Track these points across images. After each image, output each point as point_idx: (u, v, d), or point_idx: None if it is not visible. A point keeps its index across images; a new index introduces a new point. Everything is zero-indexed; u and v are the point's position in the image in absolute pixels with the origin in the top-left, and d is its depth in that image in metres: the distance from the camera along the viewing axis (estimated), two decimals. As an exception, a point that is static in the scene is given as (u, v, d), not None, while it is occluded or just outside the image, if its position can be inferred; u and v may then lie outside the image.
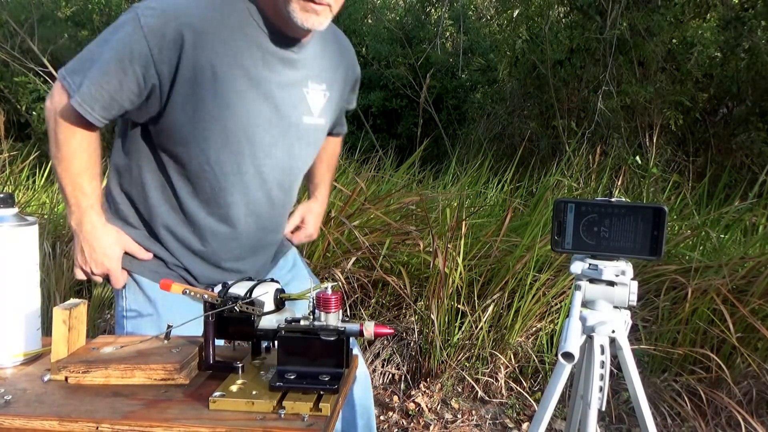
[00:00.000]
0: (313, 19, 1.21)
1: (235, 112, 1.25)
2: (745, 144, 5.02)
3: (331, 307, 0.91)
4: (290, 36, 1.29)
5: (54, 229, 3.43)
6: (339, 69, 1.46)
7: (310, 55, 1.36)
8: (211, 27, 1.20)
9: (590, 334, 1.13)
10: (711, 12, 5.36)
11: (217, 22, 1.21)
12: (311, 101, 1.38)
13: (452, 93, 7.48)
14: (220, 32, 1.21)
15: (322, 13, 1.22)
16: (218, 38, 1.21)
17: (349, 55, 1.52)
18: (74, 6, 9.20)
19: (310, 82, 1.37)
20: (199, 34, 1.18)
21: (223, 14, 1.22)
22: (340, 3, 1.28)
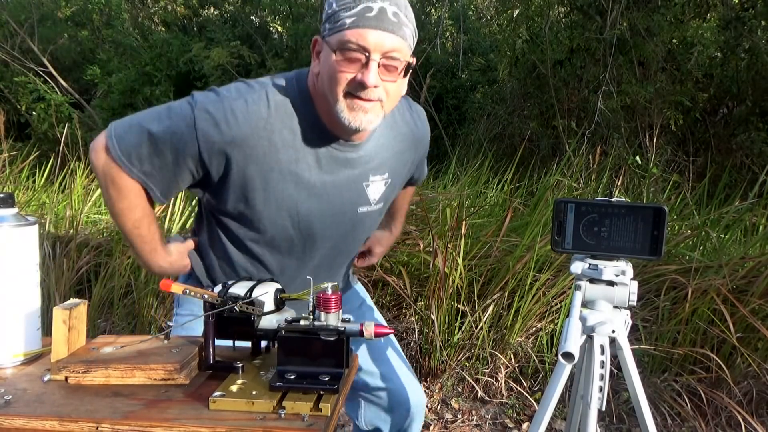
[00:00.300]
0: (361, 118, 1.15)
1: (285, 211, 1.25)
2: (745, 144, 5.02)
3: (331, 307, 0.91)
4: (346, 138, 1.25)
5: (54, 230, 3.43)
6: (405, 153, 1.41)
7: (372, 149, 1.31)
8: (263, 139, 1.18)
9: (590, 334, 1.13)
10: (711, 12, 5.36)
11: (269, 133, 1.18)
12: (371, 193, 1.35)
13: (452, 93, 7.48)
14: (272, 143, 1.18)
15: (371, 110, 1.15)
16: (270, 149, 1.19)
17: (419, 134, 1.44)
18: (74, 6, 9.21)
19: (371, 176, 1.33)
20: (251, 148, 1.17)
21: (276, 123, 1.19)
22: (396, 98, 1.21)
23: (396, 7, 1.12)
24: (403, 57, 1.14)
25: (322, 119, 1.22)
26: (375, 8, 1.10)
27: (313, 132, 1.22)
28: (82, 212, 3.57)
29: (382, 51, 1.11)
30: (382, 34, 1.10)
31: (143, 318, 3.04)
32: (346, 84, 1.13)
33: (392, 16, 1.11)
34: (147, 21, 9.65)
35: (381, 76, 1.13)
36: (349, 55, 1.11)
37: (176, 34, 8.54)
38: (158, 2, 9.44)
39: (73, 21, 9.32)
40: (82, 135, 6.28)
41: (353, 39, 1.10)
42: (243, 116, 1.16)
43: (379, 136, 1.32)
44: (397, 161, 1.39)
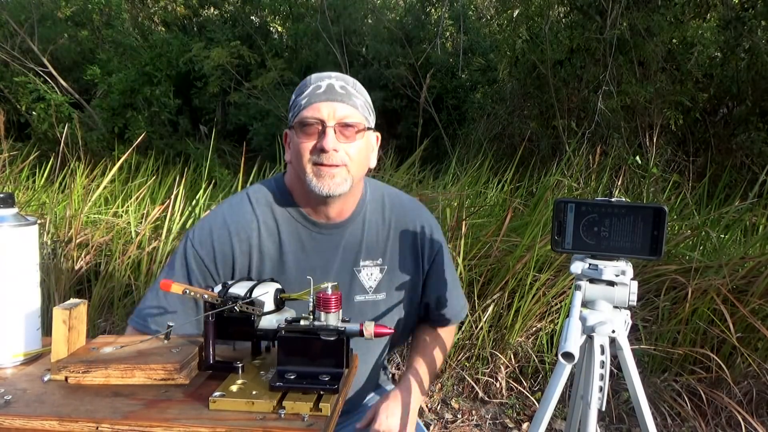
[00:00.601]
0: (328, 183, 1.23)
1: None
2: (745, 144, 5.02)
3: (331, 307, 0.91)
4: (327, 223, 1.34)
5: (54, 230, 3.43)
6: (403, 242, 1.41)
7: (357, 232, 1.37)
8: (253, 231, 1.31)
9: (590, 334, 1.13)
10: (711, 12, 5.36)
11: (257, 224, 1.31)
12: (364, 279, 1.38)
13: (452, 93, 7.48)
14: (260, 232, 1.31)
15: (337, 174, 1.24)
16: (260, 238, 1.31)
17: (417, 221, 1.44)
18: (74, 6, 9.20)
19: (361, 260, 1.37)
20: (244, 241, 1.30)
21: (260, 215, 1.32)
22: (361, 162, 1.29)
23: (343, 82, 1.28)
24: (357, 121, 1.25)
25: (300, 207, 1.33)
26: (323, 85, 1.26)
27: (294, 219, 1.33)
28: (82, 212, 3.57)
29: (336, 118, 1.23)
30: (333, 104, 1.24)
31: (143, 318, 3.03)
32: (309, 153, 1.24)
33: (340, 89, 1.26)
34: (147, 21, 9.65)
35: (338, 140, 1.24)
36: (308, 129, 1.24)
37: (176, 34, 8.54)
38: (158, 2, 9.44)
39: (73, 21, 9.32)
40: (82, 135, 6.28)
41: (309, 114, 1.23)
42: (232, 214, 1.32)
43: (367, 220, 1.38)
44: (393, 248, 1.40)
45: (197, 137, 8.24)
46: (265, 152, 7.17)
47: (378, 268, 1.39)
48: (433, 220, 1.47)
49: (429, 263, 1.45)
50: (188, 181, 4.03)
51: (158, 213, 3.49)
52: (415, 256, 1.43)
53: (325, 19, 7.54)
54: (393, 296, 1.42)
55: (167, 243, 3.25)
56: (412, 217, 1.43)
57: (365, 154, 1.30)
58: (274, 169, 4.30)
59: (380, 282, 1.39)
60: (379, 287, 1.39)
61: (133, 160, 5.19)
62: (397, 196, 1.46)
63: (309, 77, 1.31)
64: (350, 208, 1.36)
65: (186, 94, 8.38)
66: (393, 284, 1.41)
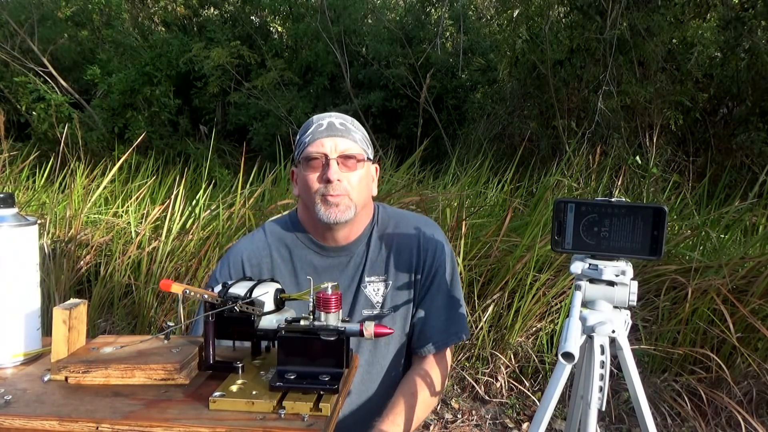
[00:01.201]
0: (334, 212, 1.35)
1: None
2: (745, 144, 5.02)
3: (331, 307, 0.91)
4: (335, 246, 1.44)
5: (54, 230, 3.43)
6: (404, 254, 1.46)
7: (362, 250, 1.46)
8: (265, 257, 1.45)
9: (590, 334, 1.13)
10: (711, 12, 5.36)
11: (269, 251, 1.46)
12: (371, 294, 1.45)
13: (452, 93, 7.48)
14: (273, 259, 1.45)
15: (341, 203, 1.35)
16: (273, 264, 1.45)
17: (419, 239, 1.47)
18: (74, 6, 9.20)
19: (366, 276, 1.44)
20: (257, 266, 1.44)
21: (273, 243, 1.47)
22: (363, 189, 1.39)
23: (342, 119, 1.42)
24: (357, 153, 1.37)
25: (311, 235, 1.46)
26: (325, 123, 1.39)
27: (306, 246, 1.46)
28: (82, 212, 3.57)
29: (337, 151, 1.36)
30: (334, 139, 1.36)
31: (143, 318, 3.04)
32: (316, 185, 1.36)
33: (339, 125, 1.39)
34: (147, 21, 9.65)
35: (341, 171, 1.35)
36: (313, 163, 1.36)
37: (176, 34, 8.54)
38: (158, 2, 9.44)
39: (73, 21, 9.32)
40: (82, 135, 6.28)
41: (313, 150, 1.36)
42: (247, 243, 1.48)
43: (373, 240, 1.47)
44: (396, 261, 1.46)
45: (197, 137, 8.24)
46: (265, 152, 7.17)
47: (383, 284, 1.45)
48: (436, 241, 1.48)
49: (424, 282, 1.46)
50: (188, 181, 4.03)
51: (158, 213, 3.49)
52: (411, 273, 1.46)
53: (325, 19, 7.54)
54: (399, 312, 1.46)
55: (167, 243, 3.25)
56: (413, 234, 1.48)
57: (366, 183, 1.41)
58: (274, 169, 4.30)
59: (386, 297, 1.45)
60: (386, 303, 1.45)
61: (133, 160, 5.19)
62: (404, 216, 1.52)
63: (311, 118, 1.45)
64: (357, 232, 1.45)
65: (186, 94, 8.38)
66: (396, 300, 1.46)
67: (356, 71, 7.94)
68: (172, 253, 3.24)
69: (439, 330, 1.45)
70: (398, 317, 1.45)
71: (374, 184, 1.48)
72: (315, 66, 8.25)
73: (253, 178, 4.00)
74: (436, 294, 1.46)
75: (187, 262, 3.21)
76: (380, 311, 1.44)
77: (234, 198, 3.69)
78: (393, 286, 1.45)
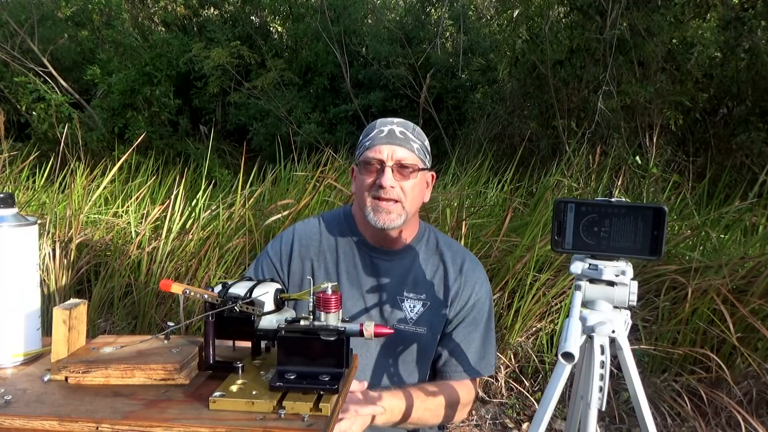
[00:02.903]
0: (384, 217, 1.39)
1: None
2: (745, 144, 5.02)
3: (331, 307, 0.91)
4: (382, 249, 1.48)
5: (54, 230, 3.43)
6: (445, 280, 1.49)
7: (408, 264, 1.49)
8: (314, 241, 1.51)
9: (590, 334, 1.13)
10: (711, 12, 5.36)
11: (320, 237, 1.52)
12: (406, 309, 1.47)
13: (452, 93, 7.48)
14: (321, 244, 1.51)
15: (393, 210, 1.40)
16: (320, 249, 1.50)
17: (460, 271, 1.50)
18: (74, 6, 9.20)
19: (405, 291, 1.47)
20: (306, 247, 1.51)
21: (325, 232, 1.53)
22: (415, 199, 1.43)
23: (403, 128, 1.45)
24: (412, 163, 1.41)
25: (361, 231, 1.51)
26: (386, 130, 1.43)
27: (352, 241, 1.51)
28: (82, 212, 3.57)
29: (394, 159, 1.40)
30: (392, 147, 1.40)
31: (143, 318, 3.04)
32: (369, 188, 1.41)
33: (399, 134, 1.43)
34: (147, 21, 9.65)
35: (395, 178, 1.40)
36: (369, 167, 1.41)
37: (176, 34, 8.54)
38: (158, 2, 9.44)
39: (73, 21, 9.31)
40: (82, 135, 6.28)
41: (371, 155, 1.41)
42: (301, 226, 1.56)
43: (420, 256, 1.50)
44: (438, 286, 1.49)
45: (197, 137, 8.24)
46: (265, 152, 7.17)
47: (421, 303, 1.47)
48: (479, 277, 1.52)
49: (460, 312, 1.49)
50: (188, 181, 4.03)
51: (158, 213, 3.49)
52: (449, 301, 1.49)
53: (325, 19, 7.54)
54: (434, 334, 1.48)
55: (167, 243, 3.25)
56: (459, 265, 1.51)
57: (419, 191, 1.45)
58: (274, 169, 4.30)
59: (421, 316, 1.46)
60: (419, 321, 1.46)
61: (133, 160, 5.19)
62: (451, 245, 1.56)
63: (375, 121, 1.49)
64: (405, 239, 1.50)
65: (186, 94, 8.38)
66: (433, 322, 1.47)
67: (356, 71, 7.94)
68: (172, 253, 3.24)
69: (473, 361, 1.49)
70: (427, 338, 1.47)
71: (428, 191, 1.52)
72: (315, 66, 8.25)
73: (253, 178, 3.99)
74: (472, 326, 1.50)
75: (187, 262, 3.20)
76: (413, 328, 1.46)
77: (234, 198, 3.69)
78: (431, 308, 1.47)
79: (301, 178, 3.95)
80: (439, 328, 1.48)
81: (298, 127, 7.25)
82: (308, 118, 7.54)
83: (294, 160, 4.55)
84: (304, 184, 3.76)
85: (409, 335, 1.46)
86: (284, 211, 3.35)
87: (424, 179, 1.48)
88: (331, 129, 7.68)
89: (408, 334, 1.46)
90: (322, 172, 3.85)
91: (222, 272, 3.10)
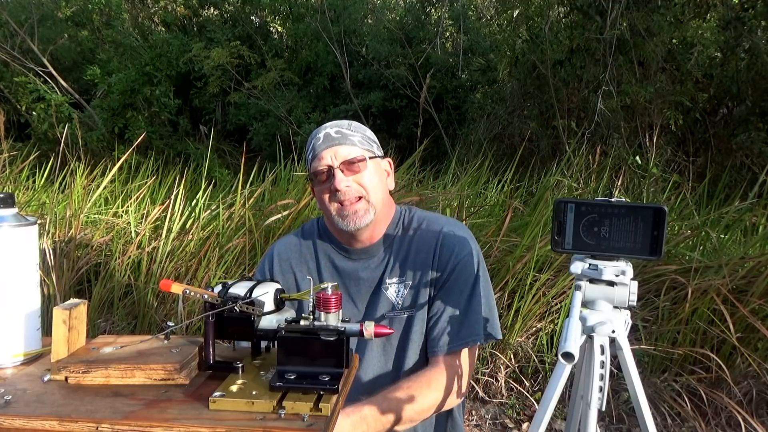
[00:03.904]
0: (353, 219, 1.38)
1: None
2: (745, 144, 5.02)
3: (331, 307, 0.91)
4: (358, 248, 1.47)
5: (54, 230, 3.43)
6: (422, 253, 1.45)
7: (384, 253, 1.47)
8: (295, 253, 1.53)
9: (590, 334, 1.13)
10: (711, 12, 5.36)
11: (299, 248, 1.54)
12: (391, 295, 1.45)
13: (452, 93, 7.48)
14: (302, 255, 1.53)
15: (360, 208, 1.38)
16: (301, 259, 1.52)
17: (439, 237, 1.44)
18: (74, 6, 9.20)
19: (387, 279, 1.45)
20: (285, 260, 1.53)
21: (303, 242, 1.54)
22: (378, 189, 1.41)
23: (337, 127, 1.43)
24: (358, 155, 1.39)
25: (336, 237, 1.50)
26: (321, 136, 1.41)
27: (330, 247, 1.51)
28: (82, 212, 3.57)
29: (338, 159, 1.38)
30: (332, 149, 1.39)
31: (143, 318, 3.04)
32: (328, 198, 1.40)
33: (335, 134, 1.41)
34: (147, 21, 9.65)
35: (347, 176, 1.38)
36: (320, 177, 1.40)
37: (176, 34, 8.54)
38: (158, 2, 9.43)
39: (73, 21, 9.31)
40: (82, 135, 6.28)
41: (316, 165, 1.40)
42: (282, 241, 1.58)
43: (396, 241, 1.48)
44: (414, 260, 1.45)
45: (197, 137, 8.24)
46: (265, 152, 7.17)
47: (403, 285, 1.45)
48: (458, 238, 1.43)
49: (441, 280, 1.42)
50: (188, 181, 4.03)
51: (158, 213, 3.49)
52: (429, 271, 1.43)
53: (325, 19, 7.54)
54: (418, 314, 1.43)
55: (167, 243, 3.25)
56: (435, 232, 1.45)
57: (378, 180, 1.42)
58: (274, 169, 4.30)
59: (406, 298, 1.44)
60: (406, 303, 1.44)
61: (133, 160, 5.19)
62: (430, 218, 1.50)
63: (311, 133, 1.47)
64: (380, 232, 1.47)
65: (186, 94, 8.38)
66: (415, 301, 1.43)
67: (356, 71, 7.94)
68: (172, 253, 3.24)
69: (453, 331, 1.38)
70: (417, 318, 1.42)
71: (390, 179, 1.49)
72: (315, 66, 8.25)
73: (253, 178, 4.00)
74: (453, 292, 1.40)
75: (187, 262, 3.21)
76: (399, 312, 1.42)
77: (234, 198, 3.70)
78: (412, 286, 1.43)
79: (301, 178, 3.95)
80: (423, 305, 1.42)
81: (298, 127, 7.25)
82: (308, 118, 7.53)
83: (294, 160, 4.55)
84: (304, 184, 3.76)
85: (400, 321, 1.42)
86: (284, 211, 3.35)
87: (380, 167, 1.44)
88: (331, 129, 7.66)
89: (398, 320, 1.42)
90: (322, 172, 3.84)
91: (222, 272, 3.10)
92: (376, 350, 1.45)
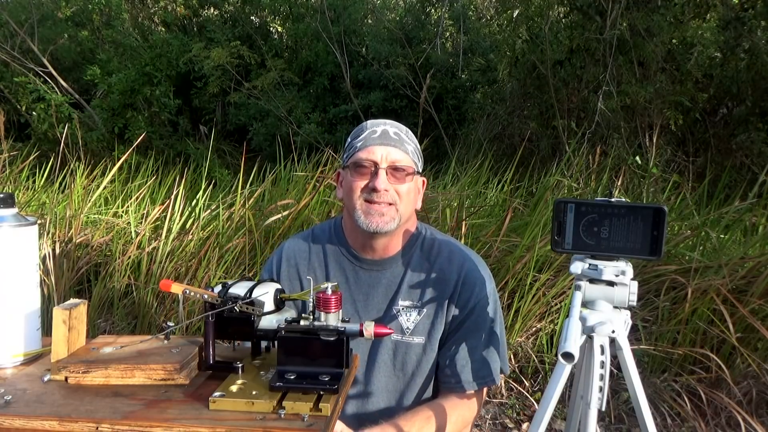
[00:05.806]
0: (377, 220, 1.33)
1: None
2: (745, 144, 5.02)
3: (331, 307, 0.91)
4: (371, 259, 1.42)
5: (54, 230, 3.43)
6: (441, 283, 1.40)
7: (399, 271, 1.42)
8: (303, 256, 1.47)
9: (590, 334, 1.13)
10: (711, 12, 5.36)
11: (309, 252, 1.47)
12: (402, 319, 1.39)
13: (452, 93, 7.47)
14: (311, 261, 1.46)
15: (387, 213, 1.33)
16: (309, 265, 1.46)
17: (460, 272, 1.40)
18: (74, 6, 9.20)
19: (399, 299, 1.40)
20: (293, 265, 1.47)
21: (314, 246, 1.48)
22: (410, 202, 1.37)
23: (396, 129, 1.38)
24: (407, 165, 1.35)
25: (350, 243, 1.44)
26: (378, 131, 1.36)
27: (341, 254, 1.45)
28: (82, 212, 3.57)
29: (388, 161, 1.34)
30: (386, 148, 1.34)
31: (143, 318, 3.03)
32: (360, 191, 1.34)
33: (393, 135, 1.36)
34: (147, 21, 9.65)
35: (389, 181, 1.34)
36: (362, 169, 1.34)
37: (176, 34, 8.54)
38: (158, 2, 9.43)
39: (73, 21, 9.31)
40: (82, 135, 6.28)
41: (364, 156, 1.34)
42: (292, 242, 1.51)
43: (412, 261, 1.42)
44: (434, 289, 1.40)
45: (197, 137, 8.24)
46: (265, 152, 7.17)
47: (416, 311, 1.40)
48: (479, 277, 1.41)
49: (460, 317, 1.40)
50: (188, 181, 4.03)
51: (158, 213, 3.49)
52: (446, 304, 1.40)
53: (325, 19, 7.54)
54: (432, 343, 1.40)
55: (167, 243, 3.25)
56: (457, 265, 1.41)
57: (413, 196, 1.39)
58: (274, 169, 4.30)
59: (418, 325, 1.39)
60: (416, 330, 1.39)
61: (133, 160, 5.19)
62: (451, 245, 1.45)
63: (365, 122, 1.42)
64: (396, 246, 1.42)
65: (186, 94, 8.38)
66: (431, 330, 1.39)
67: (356, 71, 7.94)
68: (172, 253, 3.24)
69: (472, 370, 1.38)
70: (425, 348, 1.40)
71: (419, 197, 1.45)
72: (315, 66, 8.25)
73: (253, 178, 4.00)
74: (473, 332, 1.39)
75: (187, 262, 3.20)
76: (410, 338, 1.39)
77: (234, 198, 3.69)
78: (426, 314, 1.39)
79: (301, 178, 3.95)
80: (437, 336, 1.39)
81: (298, 127, 7.25)
82: (308, 118, 7.54)
83: (294, 160, 4.55)
84: (304, 184, 3.76)
85: (404, 346, 1.39)
86: (284, 211, 3.35)
87: (416, 184, 1.41)
88: (331, 129, 7.68)
89: (403, 344, 1.39)
90: (321, 172, 3.85)
91: (222, 272, 3.10)
92: (374, 376, 1.40)
